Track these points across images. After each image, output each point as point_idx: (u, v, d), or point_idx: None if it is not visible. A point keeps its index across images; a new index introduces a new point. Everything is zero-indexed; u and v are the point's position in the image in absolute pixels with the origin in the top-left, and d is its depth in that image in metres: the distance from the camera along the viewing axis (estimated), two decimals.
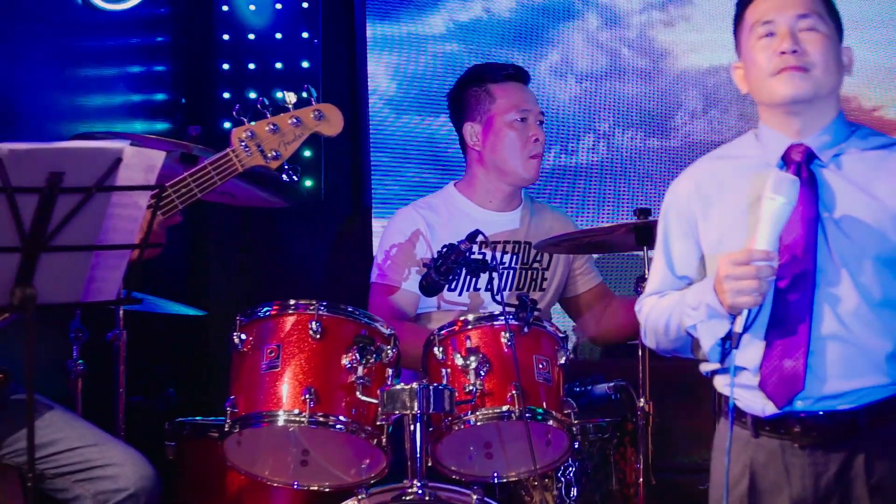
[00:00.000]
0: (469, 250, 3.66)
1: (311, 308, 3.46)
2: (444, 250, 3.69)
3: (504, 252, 4.25)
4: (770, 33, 2.88)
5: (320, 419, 3.38)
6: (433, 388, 3.31)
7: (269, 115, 3.58)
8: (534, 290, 4.28)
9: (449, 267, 3.67)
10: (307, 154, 5.49)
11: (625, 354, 4.27)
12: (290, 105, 3.60)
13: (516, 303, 3.50)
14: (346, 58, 5.69)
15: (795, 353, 2.78)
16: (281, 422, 3.40)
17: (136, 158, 2.74)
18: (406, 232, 4.22)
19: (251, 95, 5.54)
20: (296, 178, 3.65)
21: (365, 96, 5.61)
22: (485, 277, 3.99)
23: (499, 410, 3.42)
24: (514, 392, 3.40)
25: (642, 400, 3.74)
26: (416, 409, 3.29)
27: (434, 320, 4.15)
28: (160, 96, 5.63)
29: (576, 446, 3.52)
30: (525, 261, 4.28)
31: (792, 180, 2.74)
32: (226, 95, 5.61)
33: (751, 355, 2.83)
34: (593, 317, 4.43)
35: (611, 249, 4.36)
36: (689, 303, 2.86)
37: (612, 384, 3.88)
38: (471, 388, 3.41)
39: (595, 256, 4.54)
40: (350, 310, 3.50)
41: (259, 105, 3.59)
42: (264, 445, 3.57)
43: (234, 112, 3.60)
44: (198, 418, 3.97)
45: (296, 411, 3.37)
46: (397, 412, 3.32)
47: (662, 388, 3.82)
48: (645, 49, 5.52)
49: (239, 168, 3.55)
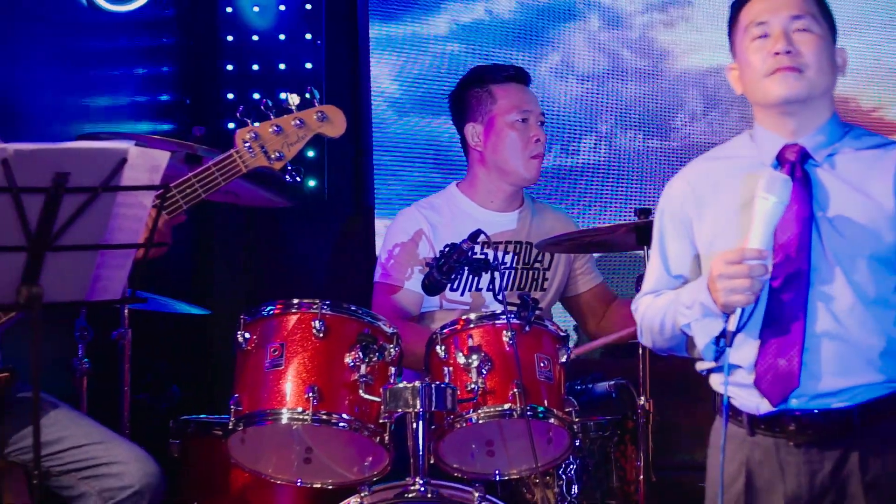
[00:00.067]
0: (471, 250, 3.67)
1: (315, 307, 3.47)
2: (447, 250, 3.70)
3: (505, 252, 4.25)
4: (764, 34, 2.88)
5: (323, 417, 3.39)
6: (435, 386, 3.32)
7: (272, 116, 3.59)
8: (535, 289, 4.29)
9: (451, 266, 3.68)
10: (310, 154, 5.49)
11: (625, 353, 4.27)
12: (294, 106, 3.61)
13: (518, 302, 3.52)
14: (349, 59, 5.69)
15: (790, 351, 2.79)
16: (284, 420, 3.41)
17: (141, 159, 2.74)
18: (409, 232, 4.23)
19: (255, 96, 5.55)
20: (299, 178, 3.65)
21: (367, 97, 5.61)
22: (487, 277, 4.01)
23: (500, 408, 3.42)
24: (515, 390, 3.40)
25: (643, 398, 3.74)
26: (418, 407, 3.30)
27: (436, 319, 4.16)
28: (165, 97, 5.64)
29: (577, 444, 3.52)
30: (526, 261, 4.29)
31: (784, 180, 2.74)
32: (230, 96, 5.62)
33: (745, 354, 2.85)
34: (594, 316, 4.46)
35: (611, 249, 4.37)
36: (684, 302, 2.88)
37: (612, 382, 3.89)
38: (473, 386, 3.42)
39: (596, 256, 4.55)
40: (353, 309, 3.51)
41: (262, 106, 3.59)
42: (268, 443, 3.58)
43: (237, 113, 3.62)
44: (202, 416, 3.99)
45: (299, 409, 3.38)
46: (400, 410, 3.33)
47: (663, 386, 3.81)
48: (645, 50, 5.50)
49: (242, 169, 3.57)
